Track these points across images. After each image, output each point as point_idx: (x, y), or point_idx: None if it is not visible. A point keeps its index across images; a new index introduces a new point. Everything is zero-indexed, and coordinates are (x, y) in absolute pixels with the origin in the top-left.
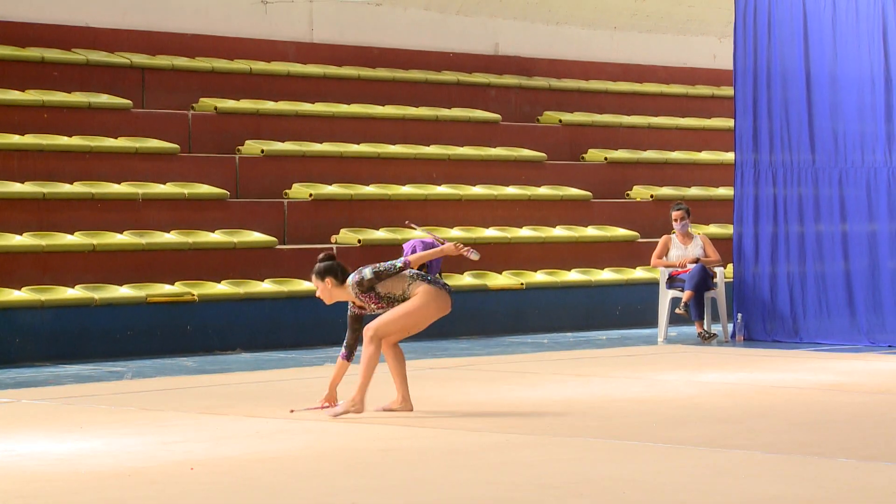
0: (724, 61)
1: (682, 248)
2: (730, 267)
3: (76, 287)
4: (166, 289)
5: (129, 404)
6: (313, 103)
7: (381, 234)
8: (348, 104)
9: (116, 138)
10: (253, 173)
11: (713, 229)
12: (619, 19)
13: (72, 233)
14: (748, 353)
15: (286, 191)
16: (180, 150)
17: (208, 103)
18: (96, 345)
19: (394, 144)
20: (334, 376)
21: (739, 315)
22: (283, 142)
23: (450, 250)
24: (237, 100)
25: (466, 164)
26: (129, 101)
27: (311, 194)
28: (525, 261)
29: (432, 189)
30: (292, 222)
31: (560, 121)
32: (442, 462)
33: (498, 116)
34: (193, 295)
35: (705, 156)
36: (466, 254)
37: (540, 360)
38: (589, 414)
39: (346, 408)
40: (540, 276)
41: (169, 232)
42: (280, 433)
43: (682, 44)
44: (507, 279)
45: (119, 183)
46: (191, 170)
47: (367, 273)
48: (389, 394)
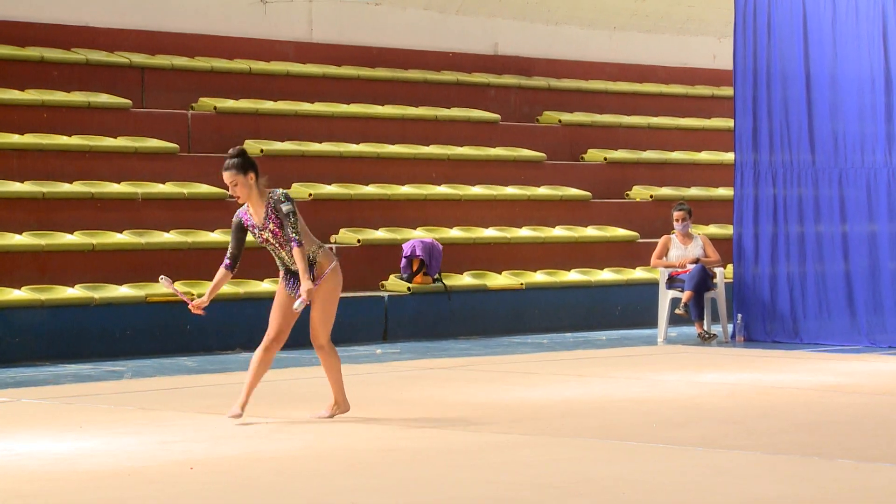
0: (724, 61)
1: (682, 249)
2: (730, 267)
3: (75, 286)
4: (164, 289)
5: (128, 404)
6: (313, 103)
7: (381, 234)
8: (348, 104)
9: (116, 138)
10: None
11: (713, 229)
12: (618, 19)
13: (71, 232)
14: (748, 354)
15: (286, 191)
16: (180, 149)
17: (208, 103)
18: (96, 344)
19: (393, 144)
20: (214, 283)
21: (739, 316)
22: (282, 141)
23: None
24: (236, 99)
25: (466, 164)
26: (129, 101)
27: (310, 194)
28: (525, 261)
29: (432, 189)
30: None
31: (559, 121)
32: (441, 462)
33: (497, 116)
34: (193, 294)
35: (705, 156)
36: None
37: (540, 361)
38: (589, 414)
39: (332, 412)
40: (540, 277)
41: (168, 231)
42: (279, 433)
43: (681, 44)
44: (507, 279)
45: (118, 182)
46: (190, 169)
47: (289, 203)
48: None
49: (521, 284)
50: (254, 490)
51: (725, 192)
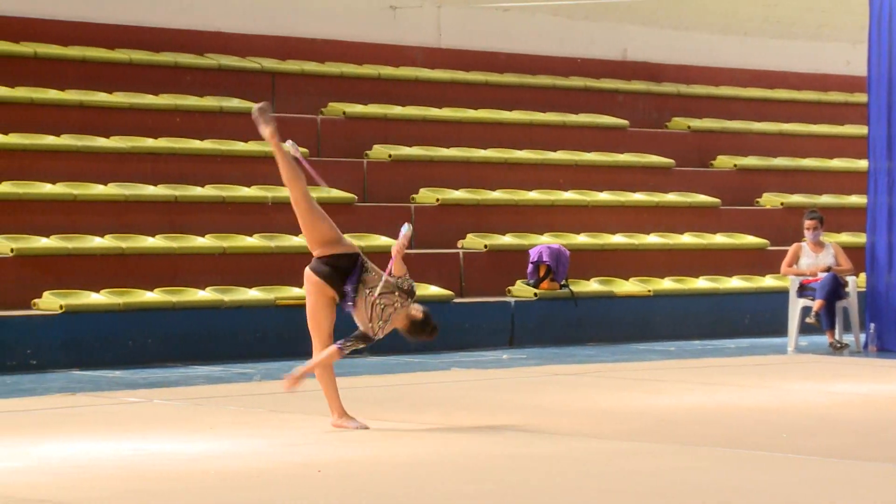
0: (858, 67)
1: (814, 257)
2: (862, 276)
3: (206, 289)
4: (295, 291)
5: (257, 406)
6: (441, 108)
7: (508, 240)
8: (475, 109)
9: (247, 142)
10: (380, 178)
11: (845, 237)
12: (749, 25)
13: (202, 235)
14: (880, 364)
15: (413, 195)
16: (309, 154)
17: (337, 108)
18: (226, 346)
19: (520, 150)
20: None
21: (872, 325)
22: (410, 146)
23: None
24: (365, 104)
25: (593, 170)
26: None
27: (437, 199)
28: (652, 268)
29: (559, 195)
30: (419, 227)
31: (689, 127)
32: (566, 469)
33: (626, 122)
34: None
35: (837, 163)
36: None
37: (667, 368)
38: (716, 423)
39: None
40: (667, 284)
41: (298, 235)
42: (406, 437)
43: (814, 50)
44: (634, 286)
45: (249, 186)
46: (320, 174)
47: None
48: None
49: (649, 291)
50: (380, 494)
51: (858, 199)
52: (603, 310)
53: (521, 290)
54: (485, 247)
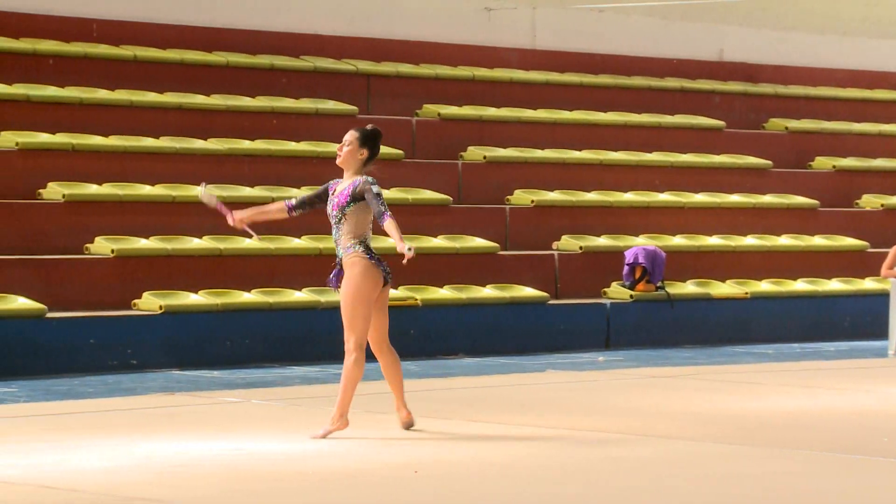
0: None
1: None
2: None
3: (303, 290)
4: (390, 292)
5: (353, 406)
6: (535, 110)
7: (603, 241)
8: (570, 111)
9: None
10: (475, 179)
11: None
12: (848, 25)
13: (299, 236)
14: None
15: (508, 197)
16: (404, 155)
17: (432, 109)
18: (322, 347)
19: (616, 151)
20: (264, 209)
21: None
22: (504, 148)
23: None
24: (460, 106)
25: (689, 172)
26: (355, 108)
27: (532, 200)
28: (750, 270)
29: (654, 196)
30: (514, 228)
31: (786, 128)
32: (663, 471)
33: (722, 123)
34: (416, 299)
35: None
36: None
37: (765, 371)
38: (815, 426)
39: (329, 428)
40: (765, 286)
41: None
42: (503, 438)
43: None
44: (731, 288)
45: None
46: (414, 175)
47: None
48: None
49: (746, 293)
50: (476, 495)
51: None
52: (699, 312)
53: (617, 291)
54: (580, 248)
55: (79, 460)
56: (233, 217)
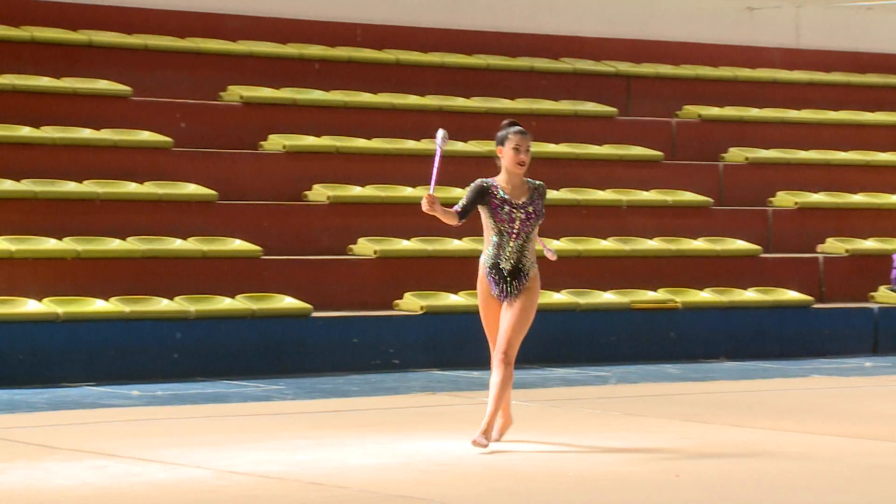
0: None
1: None
2: None
3: (561, 292)
4: (650, 295)
5: (612, 409)
6: (799, 110)
7: (870, 244)
8: (836, 111)
9: (601, 146)
10: (736, 181)
11: None
12: None
13: (557, 238)
14: None
15: (770, 198)
16: (664, 157)
17: (692, 110)
18: (582, 349)
19: (883, 152)
20: (447, 210)
21: None
22: (767, 149)
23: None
24: (721, 107)
25: None
26: (615, 109)
27: (796, 202)
28: None
29: None
30: (777, 231)
31: None
32: None
33: None
34: (677, 302)
35: None
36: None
37: None
38: None
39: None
40: None
41: (652, 238)
42: (764, 444)
43: None
44: None
45: (603, 190)
46: (674, 177)
47: None
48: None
49: None
50: (738, 500)
51: None
52: None
53: (885, 296)
54: (846, 251)
55: (343, 457)
56: (430, 199)
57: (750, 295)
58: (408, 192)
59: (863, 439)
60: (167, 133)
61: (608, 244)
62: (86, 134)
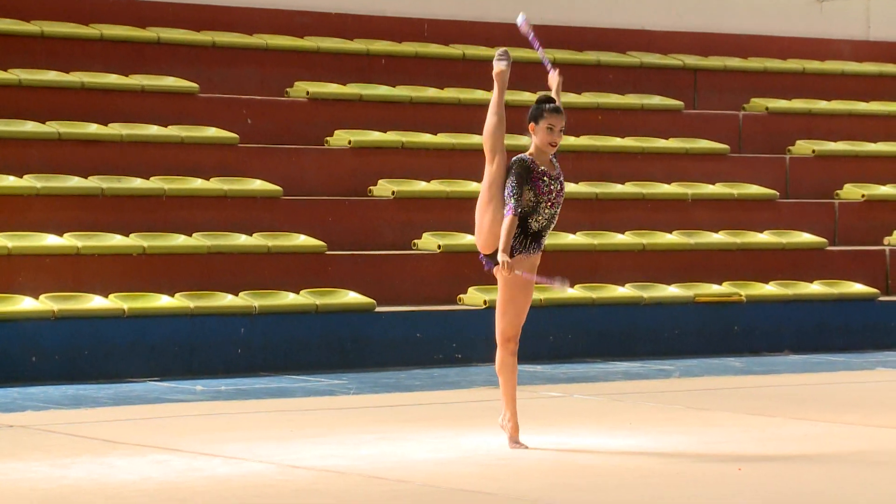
0: None
1: None
2: None
3: (626, 285)
4: (714, 289)
5: (675, 402)
6: (868, 102)
7: None
8: None
9: (667, 139)
10: (803, 174)
11: None
12: None
13: (622, 232)
14: None
15: (837, 191)
16: (730, 150)
17: (759, 103)
18: (644, 343)
19: None
20: (508, 233)
21: None
22: (835, 142)
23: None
24: (789, 100)
25: None
26: (681, 103)
27: (863, 195)
28: None
29: None
30: (843, 224)
31: None
32: None
33: None
34: (741, 295)
35: None
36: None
37: None
38: None
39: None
40: None
41: (717, 232)
42: (828, 437)
43: None
44: None
45: (669, 183)
46: (740, 170)
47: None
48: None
49: None
50: (802, 494)
51: None
52: None
53: None
54: None
55: (405, 451)
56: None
57: (815, 288)
58: (472, 186)
59: None
60: (233, 129)
61: (673, 238)
62: (153, 130)
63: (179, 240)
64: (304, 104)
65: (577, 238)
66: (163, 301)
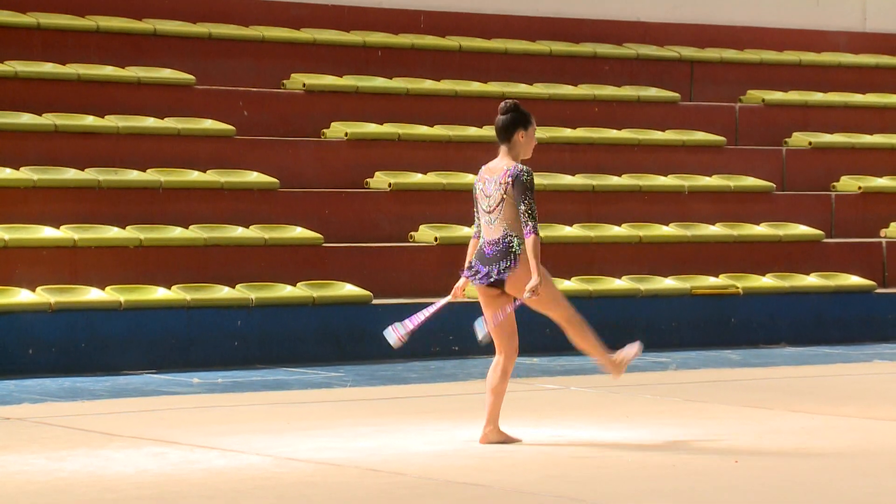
0: None
1: None
2: None
3: (622, 278)
4: (711, 281)
5: (672, 395)
6: (864, 94)
7: None
8: None
9: (664, 131)
10: (800, 166)
11: None
12: None
13: (619, 224)
14: None
15: (834, 183)
16: (726, 142)
17: (755, 95)
18: (641, 335)
19: None
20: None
21: None
22: (831, 133)
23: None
24: (785, 91)
25: None
26: (677, 94)
27: (859, 187)
28: None
29: None
30: (840, 216)
31: None
32: None
33: None
34: (738, 288)
35: None
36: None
37: None
38: None
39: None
40: None
41: (714, 224)
42: (825, 430)
43: None
44: None
45: (665, 175)
46: (737, 162)
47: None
48: None
49: None
50: (798, 486)
51: None
52: None
53: None
54: None
55: (402, 444)
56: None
57: (812, 280)
58: (469, 178)
59: None
60: (230, 121)
61: (669, 230)
62: (149, 122)
63: (176, 232)
64: (301, 96)
65: (574, 230)
66: (159, 293)
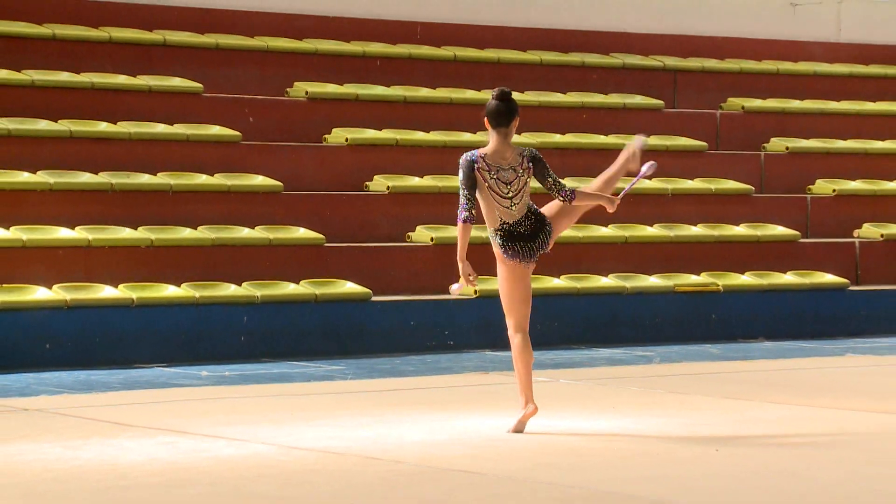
0: None
1: None
2: None
3: (609, 276)
4: (693, 279)
5: (656, 387)
6: (839, 101)
7: None
8: (874, 102)
9: (648, 137)
10: (777, 170)
11: None
12: None
13: (605, 225)
14: None
15: (809, 186)
16: (708, 147)
17: (736, 103)
18: (626, 330)
19: None
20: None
21: None
22: (807, 139)
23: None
24: (764, 99)
25: None
26: (661, 102)
27: (834, 189)
28: None
29: None
30: (815, 217)
31: None
32: None
33: None
34: (718, 285)
35: None
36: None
37: None
38: None
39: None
40: None
41: (696, 225)
42: (801, 419)
43: None
44: None
45: (650, 179)
46: (718, 166)
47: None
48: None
49: None
50: (774, 473)
51: None
52: None
53: None
54: (881, 236)
55: (400, 434)
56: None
57: (789, 278)
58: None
59: (894, 415)
60: (236, 127)
61: (654, 230)
62: (159, 129)
63: (185, 233)
64: (304, 103)
65: (566, 232)
66: (169, 291)
